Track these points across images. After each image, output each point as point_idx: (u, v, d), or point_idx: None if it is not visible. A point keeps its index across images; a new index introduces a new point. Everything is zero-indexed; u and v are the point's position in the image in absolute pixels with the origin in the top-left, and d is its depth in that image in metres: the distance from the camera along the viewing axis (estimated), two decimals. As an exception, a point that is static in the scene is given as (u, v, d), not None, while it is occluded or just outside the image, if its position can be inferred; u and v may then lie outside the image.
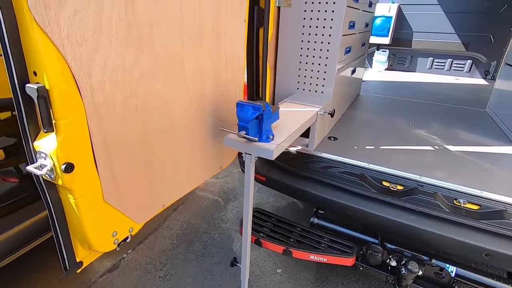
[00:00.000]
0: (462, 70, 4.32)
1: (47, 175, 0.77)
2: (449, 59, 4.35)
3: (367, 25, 2.65)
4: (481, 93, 3.41)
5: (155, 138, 1.03)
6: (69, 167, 0.75)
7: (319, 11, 1.74)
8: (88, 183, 0.82)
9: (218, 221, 2.42)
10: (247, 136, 1.13)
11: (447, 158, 1.75)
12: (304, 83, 1.95)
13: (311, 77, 1.91)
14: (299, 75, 1.94)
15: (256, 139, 1.12)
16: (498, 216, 1.27)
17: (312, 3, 1.74)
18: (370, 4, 2.57)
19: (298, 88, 1.98)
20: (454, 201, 1.36)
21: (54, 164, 0.75)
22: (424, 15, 4.25)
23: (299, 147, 1.83)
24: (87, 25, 0.72)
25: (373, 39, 4.44)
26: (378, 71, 4.61)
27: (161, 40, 0.94)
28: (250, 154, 1.22)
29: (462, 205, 1.34)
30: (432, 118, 2.49)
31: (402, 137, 2.04)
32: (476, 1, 3.91)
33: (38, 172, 0.76)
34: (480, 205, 1.33)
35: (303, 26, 1.82)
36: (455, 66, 4.35)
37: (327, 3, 1.71)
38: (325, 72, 1.86)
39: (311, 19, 1.78)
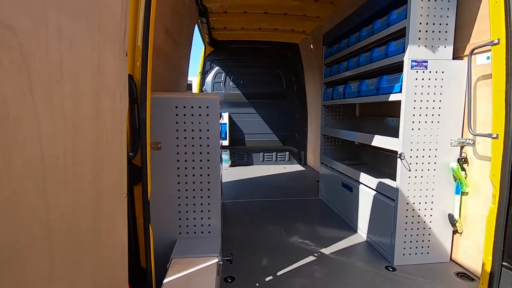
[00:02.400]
0: (284, 160, 5.44)
1: None
2: (274, 152, 5.40)
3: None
4: (307, 181, 4.33)
5: None
6: None
7: (193, 153, 1.69)
8: None
9: None
10: None
11: (332, 266, 1.96)
12: (187, 225, 1.73)
13: (195, 218, 1.73)
14: (180, 218, 1.72)
15: None
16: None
17: (185, 145, 1.68)
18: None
19: (180, 233, 1.73)
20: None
21: None
22: (249, 120, 5.21)
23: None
24: None
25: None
26: (225, 168, 4.99)
27: None
28: None
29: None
30: (290, 217, 2.84)
31: (286, 251, 2.15)
32: (280, 109, 5.25)
33: None
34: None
35: (178, 168, 1.69)
36: (279, 157, 5.42)
37: (200, 145, 1.69)
38: (209, 210, 1.74)
39: (185, 160, 1.69)
